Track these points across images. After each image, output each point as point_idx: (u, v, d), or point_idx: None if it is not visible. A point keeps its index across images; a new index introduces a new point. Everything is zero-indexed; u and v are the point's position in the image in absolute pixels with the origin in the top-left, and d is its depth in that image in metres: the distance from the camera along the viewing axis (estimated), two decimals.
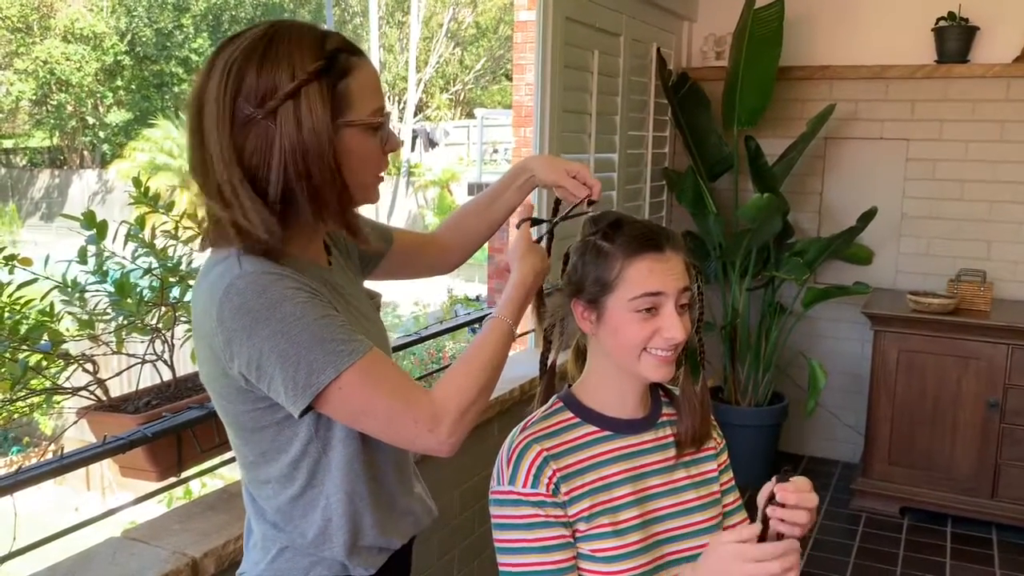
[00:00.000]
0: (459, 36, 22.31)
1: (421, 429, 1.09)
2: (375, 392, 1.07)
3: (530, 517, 1.18)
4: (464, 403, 1.12)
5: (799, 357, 4.10)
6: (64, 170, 21.88)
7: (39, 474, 1.42)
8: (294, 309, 1.04)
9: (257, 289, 1.04)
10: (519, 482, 1.19)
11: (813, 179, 4.16)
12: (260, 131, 1.04)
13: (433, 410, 1.09)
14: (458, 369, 1.16)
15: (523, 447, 1.21)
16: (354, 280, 1.31)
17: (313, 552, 1.18)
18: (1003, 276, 3.84)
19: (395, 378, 1.10)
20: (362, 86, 1.10)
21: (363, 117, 1.10)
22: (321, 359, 1.04)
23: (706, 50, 4.27)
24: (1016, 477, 3.48)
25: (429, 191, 18.73)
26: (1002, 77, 3.74)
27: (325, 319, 1.06)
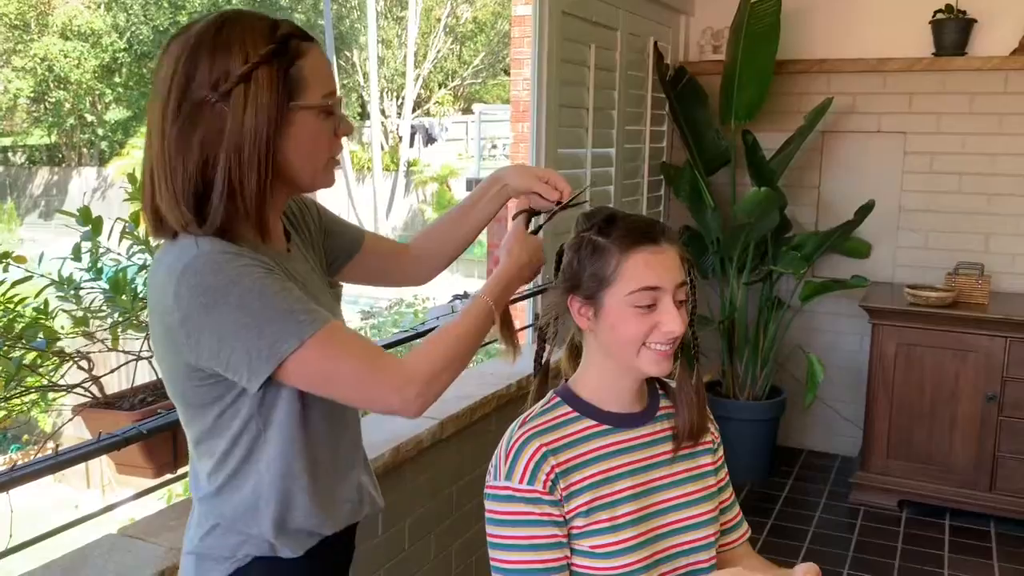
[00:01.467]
0: (457, 31, 22.28)
1: (388, 389, 1.11)
2: (340, 357, 1.09)
3: (523, 514, 1.18)
4: (433, 370, 1.14)
5: (797, 351, 4.10)
6: (63, 167, 21.87)
7: (35, 471, 1.42)
8: (252, 284, 1.05)
9: (214, 267, 1.05)
10: (516, 478, 1.18)
11: (811, 173, 4.15)
12: (214, 114, 1.06)
13: (402, 371, 1.12)
14: (432, 338, 1.18)
15: (522, 442, 1.21)
16: (314, 269, 1.31)
17: (242, 529, 1.18)
18: (1001, 269, 3.83)
19: (360, 344, 1.13)
20: (314, 70, 1.13)
21: (316, 101, 1.12)
22: (282, 329, 1.05)
23: (703, 44, 4.26)
24: (1014, 470, 3.48)
25: (428, 187, 18.73)
26: (1000, 70, 3.74)
27: (284, 292, 1.08)
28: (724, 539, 1.37)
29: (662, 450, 1.29)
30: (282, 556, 1.20)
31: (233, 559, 1.18)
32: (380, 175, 18.12)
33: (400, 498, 2.18)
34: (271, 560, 1.20)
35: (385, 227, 17.92)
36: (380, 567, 2.14)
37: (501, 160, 14.65)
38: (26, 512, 1.56)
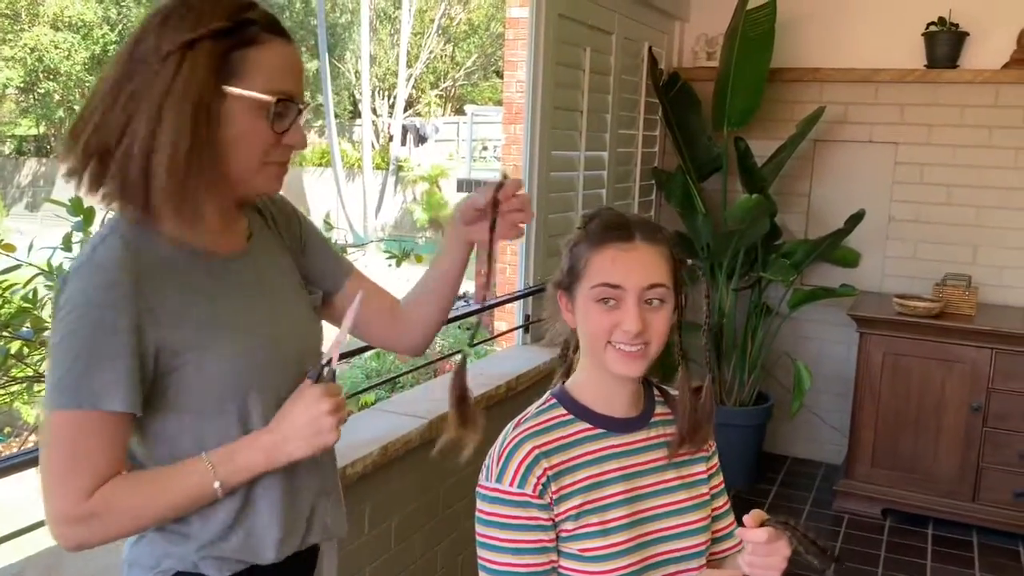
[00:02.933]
0: (450, 32, 22.27)
1: (56, 515, 1.03)
2: (54, 451, 1.03)
3: (510, 518, 1.18)
4: (106, 533, 1.06)
5: (785, 358, 4.11)
6: (51, 159, 21.71)
7: (17, 463, 1.41)
8: (89, 324, 1.01)
9: (84, 284, 1.02)
10: (506, 480, 1.18)
11: (802, 181, 4.17)
12: (147, 74, 1.03)
13: (79, 510, 1.02)
14: (141, 498, 1.07)
15: (515, 444, 1.21)
16: (284, 274, 1.24)
17: (166, 544, 1.14)
18: (988, 281, 3.86)
19: (81, 453, 1.02)
20: (264, 63, 1.06)
21: (251, 92, 1.06)
22: (59, 386, 1.01)
23: (697, 50, 4.27)
24: (997, 480, 3.50)
25: (418, 186, 18.70)
26: (991, 83, 3.76)
27: (102, 348, 1.01)
28: (717, 547, 1.36)
29: (655, 456, 1.28)
30: (205, 573, 1.14)
31: (157, 569, 1.14)
32: (370, 173, 18.09)
33: (387, 497, 2.18)
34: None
35: (374, 225, 17.88)
36: (365, 566, 2.13)
37: (492, 162, 14.63)
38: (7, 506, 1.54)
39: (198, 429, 1.10)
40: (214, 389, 1.09)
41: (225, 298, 1.12)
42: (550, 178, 3.09)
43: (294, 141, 1.10)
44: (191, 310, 1.08)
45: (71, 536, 1.04)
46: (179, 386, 1.08)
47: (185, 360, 1.07)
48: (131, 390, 1.03)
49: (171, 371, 1.07)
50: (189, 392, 1.08)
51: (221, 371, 1.09)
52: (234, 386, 1.11)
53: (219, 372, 1.09)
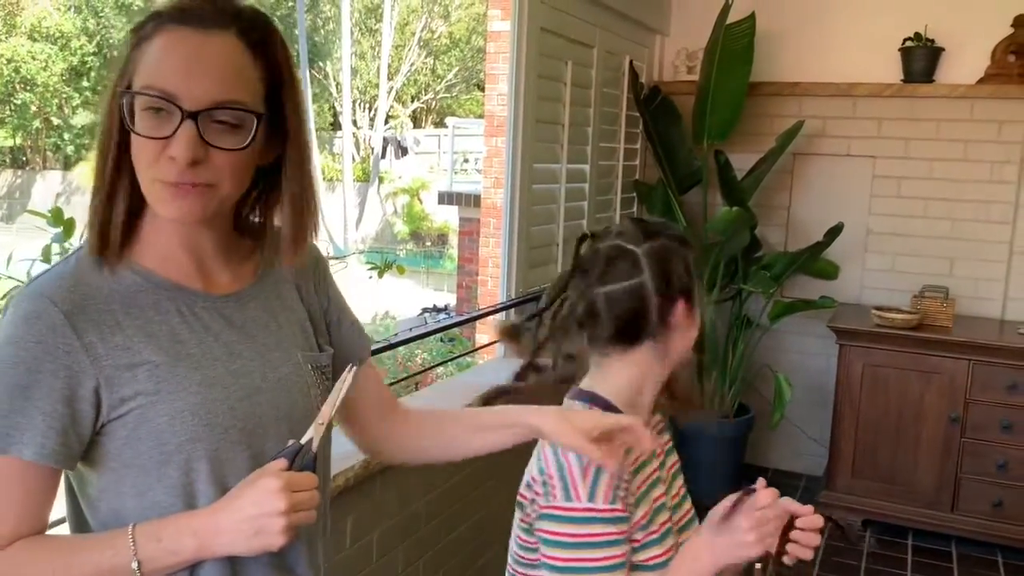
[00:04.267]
0: (432, 46, 22.33)
1: None
2: None
3: (602, 535, 1.13)
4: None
5: (765, 370, 4.13)
6: (27, 170, 21.52)
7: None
8: (14, 356, 0.89)
9: (12, 313, 0.91)
10: (599, 498, 1.13)
11: (781, 194, 4.20)
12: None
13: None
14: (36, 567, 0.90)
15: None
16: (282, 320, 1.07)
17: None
18: (965, 293, 3.90)
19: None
20: (150, 55, 0.90)
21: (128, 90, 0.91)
22: None
23: (678, 64, 4.30)
24: (976, 491, 3.53)
25: (399, 199, 18.70)
26: (966, 98, 3.81)
27: (20, 386, 0.88)
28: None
29: (670, 462, 1.32)
30: None
31: None
32: (351, 186, 18.05)
33: (368, 511, 2.16)
34: None
35: (355, 237, 17.83)
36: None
37: (473, 175, 14.64)
38: None
39: (141, 491, 0.94)
40: (160, 446, 0.93)
41: (196, 340, 0.97)
42: (532, 190, 3.10)
43: (173, 152, 0.89)
44: (147, 352, 0.93)
45: None
46: (124, 437, 0.92)
47: (132, 407, 0.92)
48: (48, 437, 0.88)
49: (116, 419, 0.92)
50: (133, 446, 0.93)
51: (168, 426, 0.93)
52: (179, 443, 0.93)
53: (165, 426, 0.93)
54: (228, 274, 1.03)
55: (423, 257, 17.33)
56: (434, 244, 18.49)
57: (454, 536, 2.60)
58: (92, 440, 0.92)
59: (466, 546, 2.68)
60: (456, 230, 12.17)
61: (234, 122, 0.91)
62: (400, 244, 18.25)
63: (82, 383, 0.90)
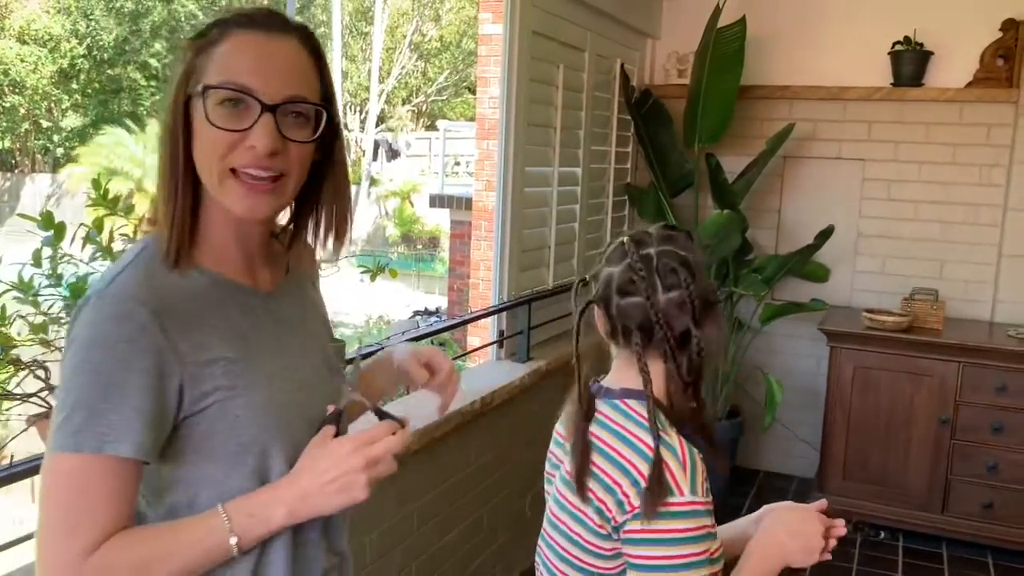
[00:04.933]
0: (423, 48, 22.33)
1: (47, 569, 0.92)
2: (53, 497, 0.92)
3: (705, 528, 1.14)
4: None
5: (756, 372, 4.14)
6: (16, 173, 21.41)
7: None
8: (97, 361, 0.92)
9: (96, 316, 0.93)
10: (699, 490, 1.14)
11: (772, 197, 4.22)
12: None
13: (77, 570, 0.91)
14: (137, 553, 0.94)
15: (691, 450, 1.17)
16: (311, 314, 1.17)
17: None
18: (955, 295, 3.92)
19: (80, 504, 0.91)
20: (224, 56, 0.96)
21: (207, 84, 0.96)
22: (65, 425, 0.91)
23: (669, 67, 4.31)
24: (965, 493, 3.55)
25: (390, 202, 18.68)
26: (955, 101, 3.84)
27: (114, 386, 0.91)
28: None
29: None
30: None
31: None
32: None
33: (363, 515, 2.16)
34: None
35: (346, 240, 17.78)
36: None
37: (464, 178, 14.65)
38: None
39: (218, 479, 0.99)
40: (237, 437, 0.99)
41: (257, 338, 1.04)
42: (524, 194, 3.10)
43: (255, 142, 0.95)
44: (221, 348, 0.99)
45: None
46: (202, 431, 0.98)
47: (212, 402, 0.97)
48: (142, 434, 0.92)
49: (197, 413, 0.97)
50: (212, 438, 0.98)
51: (246, 418, 0.99)
52: (255, 433, 1.00)
53: (243, 418, 0.99)
54: (267, 272, 1.09)
55: (414, 260, 17.32)
56: (425, 247, 18.48)
57: (446, 541, 2.60)
58: (172, 435, 0.97)
59: (458, 550, 2.68)
60: (447, 233, 12.16)
61: (305, 116, 0.99)
62: (392, 247, 18.23)
63: (169, 380, 0.94)
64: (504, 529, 2.93)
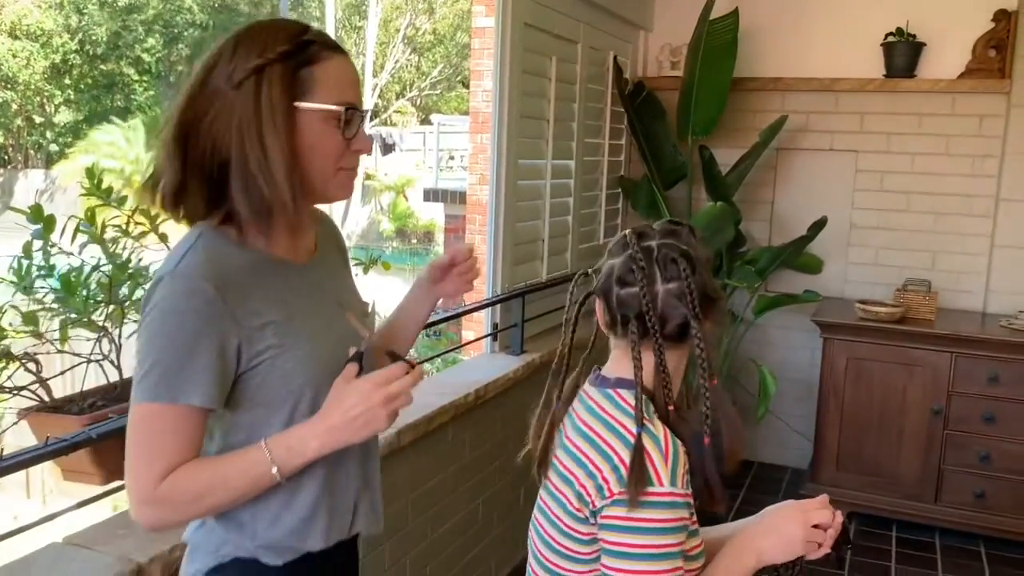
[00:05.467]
0: (416, 42, 22.27)
1: (133, 498, 1.13)
2: (134, 439, 1.13)
3: (682, 520, 1.14)
4: (175, 515, 1.16)
5: (750, 364, 4.15)
6: (8, 169, 21.33)
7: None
8: (172, 328, 1.11)
9: (168, 291, 1.12)
10: (679, 482, 1.14)
11: (765, 189, 4.22)
12: (225, 102, 1.13)
13: (152, 494, 1.12)
14: (207, 482, 1.14)
15: (674, 441, 1.17)
16: (340, 281, 1.36)
17: (224, 532, 1.23)
18: (947, 286, 3.93)
19: (159, 442, 1.12)
20: (328, 77, 1.17)
21: (322, 105, 1.16)
22: (144, 379, 1.11)
23: (662, 60, 4.31)
24: (958, 482, 3.56)
25: (384, 196, 18.64)
26: (947, 92, 3.84)
27: (186, 348, 1.11)
28: None
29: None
30: (262, 561, 1.23)
31: (216, 554, 1.23)
32: None
33: None
34: (251, 563, 1.23)
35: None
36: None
37: (459, 172, 14.62)
38: None
39: (269, 420, 1.18)
40: (287, 385, 1.18)
41: (298, 303, 1.22)
42: (518, 186, 3.10)
43: (361, 146, 1.21)
44: (270, 313, 1.17)
45: (146, 516, 1.13)
46: (257, 382, 1.17)
47: (265, 358, 1.16)
48: (211, 387, 1.12)
49: (252, 368, 1.16)
50: (265, 388, 1.17)
51: (295, 369, 1.18)
52: (303, 383, 1.19)
53: (292, 370, 1.18)
54: (304, 247, 1.28)
55: (409, 255, 17.28)
56: (420, 241, 18.45)
57: (441, 531, 2.60)
58: (232, 387, 1.16)
59: (452, 543, 2.68)
60: (442, 227, 12.14)
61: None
62: (386, 242, 18.20)
63: (230, 342, 1.13)
64: (498, 521, 2.94)
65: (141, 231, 1.71)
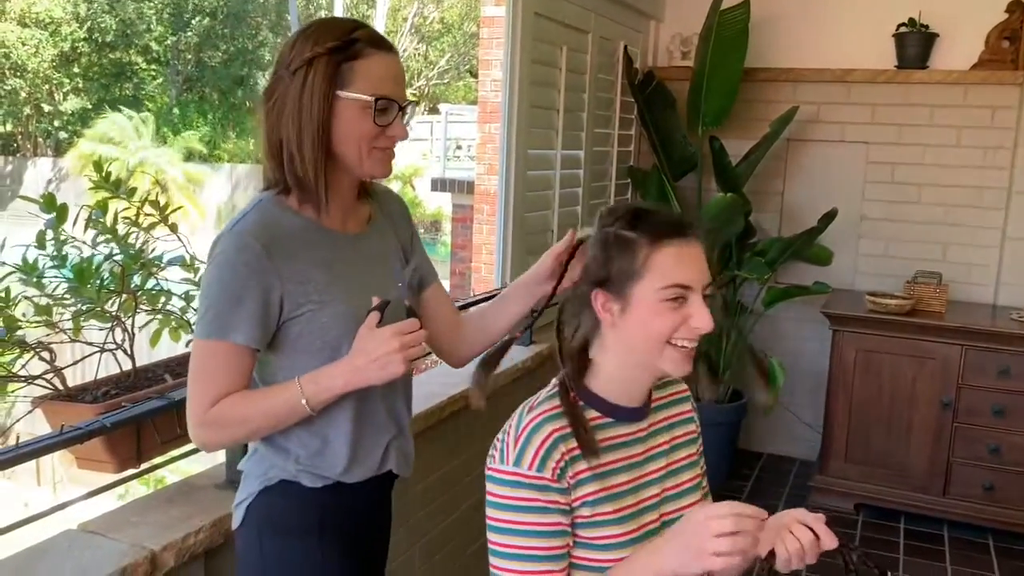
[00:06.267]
0: (424, 31, 22.22)
1: (192, 420, 1.32)
2: (195, 370, 1.32)
3: (529, 500, 1.16)
4: (221, 440, 1.38)
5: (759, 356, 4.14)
6: (17, 157, 21.39)
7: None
8: (227, 277, 1.30)
9: (225, 246, 1.31)
10: (525, 463, 1.16)
11: (775, 180, 4.20)
12: (283, 88, 1.32)
13: (204, 417, 1.31)
14: (247, 410, 1.33)
15: (533, 427, 1.19)
16: (389, 253, 1.50)
17: (272, 458, 1.40)
18: (958, 278, 3.91)
19: (213, 373, 1.31)
20: (369, 72, 1.33)
21: (358, 95, 1.32)
22: (203, 320, 1.31)
23: (672, 50, 4.29)
24: (967, 475, 3.56)
25: (392, 185, 18.61)
26: (960, 84, 3.82)
27: (235, 298, 1.29)
28: None
29: (654, 443, 1.30)
30: (302, 484, 1.39)
31: (264, 477, 1.40)
32: None
33: None
34: (293, 484, 1.40)
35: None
36: None
37: (466, 162, 14.59)
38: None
39: (306, 366, 1.35)
40: (323, 336, 1.36)
41: (342, 267, 1.38)
42: (527, 177, 3.09)
43: (396, 132, 1.36)
44: (313, 273, 1.35)
45: (199, 436, 1.33)
46: (298, 331, 1.35)
47: (305, 311, 1.34)
48: (255, 329, 1.30)
49: (293, 319, 1.34)
50: (305, 337, 1.35)
51: (332, 324, 1.35)
52: (338, 335, 1.36)
53: (328, 324, 1.35)
54: (354, 219, 1.45)
55: None
56: (427, 231, 18.44)
57: (450, 520, 2.61)
58: (275, 333, 1.35)
59: (460, 533, 2.69)
60: (450, 217, 12.13)
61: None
62: None
63: (274, 293, 1.32)
64: None
65: (151, 222, 1.71)
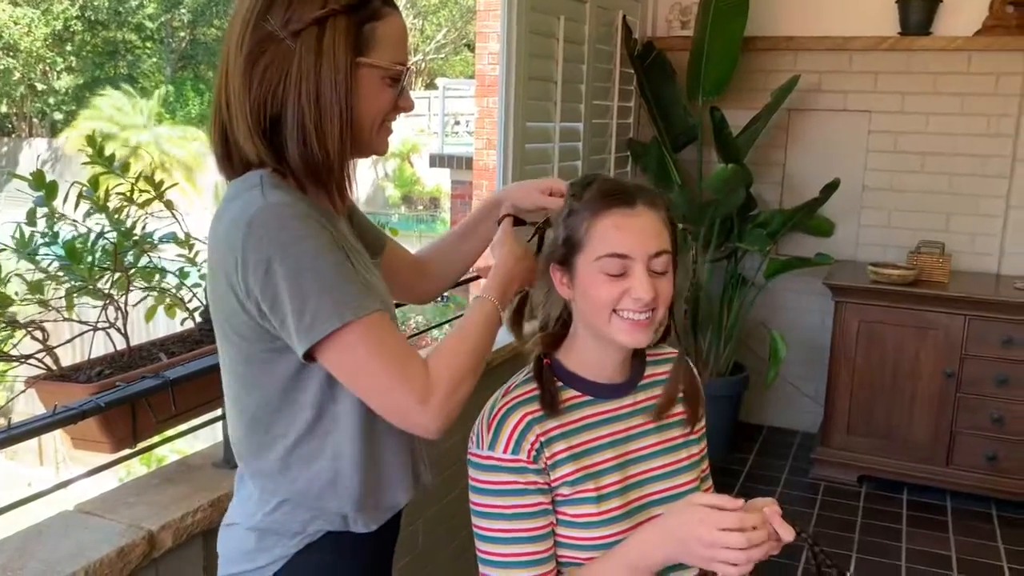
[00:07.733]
0: (420, 5, 22.03)
1: (413, 401, 1.08)
2: (373, 353, 1.08)
3: (507, 484, 1.16)
4: (454, 384, 1.11)
5: (760, 328, 4.12)
6: (12, 138, 21.28)
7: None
8: (313, 251, 1.06)
9: (280, 223, 1.06)
10: (499, 447, 1.16)
11: (776, 150, 4.16)
12: (279, 51, 1.08)
13: (427, 383, 1.09)
14: (449, 347, 1.15)
15: (506, 411, 1.19)
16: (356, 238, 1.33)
17: (315, 505, 1.19)
18: (961, 248, 3.89)
19: (396, 344, 1.10)
20: (389, 35, 1.14)
21: (382, 63, 1.13)
22: (329, 307, 1.05)
23: (671, 19, 4.24)
24: (970, 445, 3.55)
25: (389, 162, 18.55)
26: (963, 51, 3.77)
27: (341, 267, 1.08)
28: None
29: (642, 420, 1.27)
30: (354, 531, 1.21)
31: (303, 534, 1.19)
32: None
33: None
34: (342, 534, 1.21)
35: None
36: None
37: (464, 137, 14.52)
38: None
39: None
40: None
41: (346, 245, 1.18)
42: (525, 150, 3.06)
43: (406, 104, 1.19)
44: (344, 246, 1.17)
45: (432, 413, 1.09)
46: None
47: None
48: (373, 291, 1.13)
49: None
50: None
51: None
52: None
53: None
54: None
55: (415, 221, 17.23)
56: (426, 208, 18.39)
57: (454, 494, 2.60)
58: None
59: (464, 506, 2.68)
60: (448, 194, 12.08)
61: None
62: (392, 208, 18.14)
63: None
64: None
65: (146, 199, 1.68)
